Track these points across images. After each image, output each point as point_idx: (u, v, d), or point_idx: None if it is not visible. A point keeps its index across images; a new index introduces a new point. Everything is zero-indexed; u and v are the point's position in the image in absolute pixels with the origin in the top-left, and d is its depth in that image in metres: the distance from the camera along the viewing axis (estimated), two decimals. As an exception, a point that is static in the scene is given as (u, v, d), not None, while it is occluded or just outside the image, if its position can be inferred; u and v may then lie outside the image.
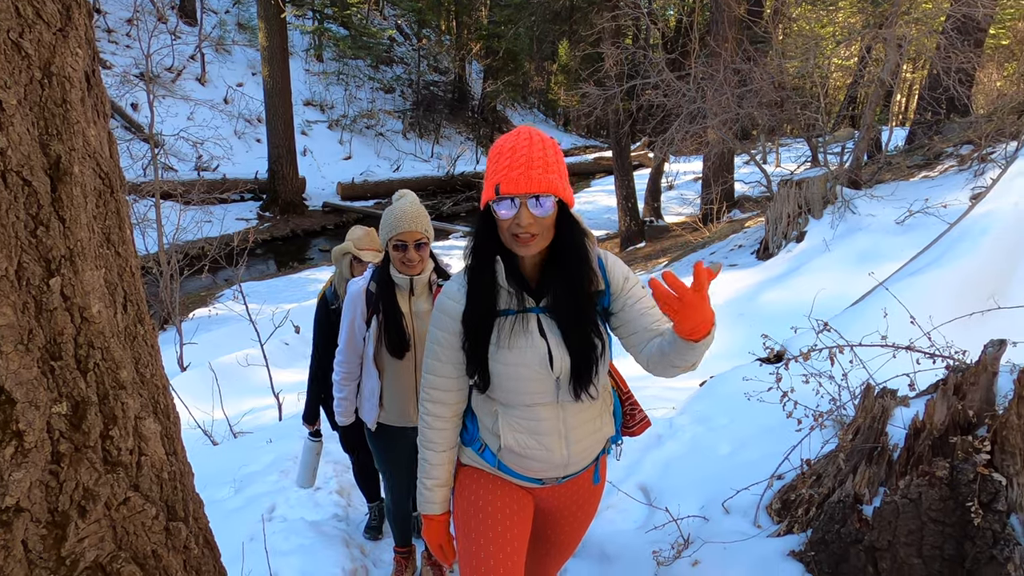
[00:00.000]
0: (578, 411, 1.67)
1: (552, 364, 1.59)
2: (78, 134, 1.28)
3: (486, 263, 1.59)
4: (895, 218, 6.82)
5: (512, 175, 1.48)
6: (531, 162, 1.49)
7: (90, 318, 1.29)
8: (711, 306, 1.44)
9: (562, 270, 1.58)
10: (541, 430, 1.65)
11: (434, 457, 1.74)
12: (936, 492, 1.87)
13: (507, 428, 1.66)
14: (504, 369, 1.59)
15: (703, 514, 2.78)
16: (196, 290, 11.55)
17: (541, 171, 1.49)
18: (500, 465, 1.72)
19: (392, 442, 2.72)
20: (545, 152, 1.52)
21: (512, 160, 1.50)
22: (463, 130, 24.47)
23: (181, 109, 17.08)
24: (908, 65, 15.97)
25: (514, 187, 1.47)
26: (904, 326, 2.90)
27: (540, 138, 1.54)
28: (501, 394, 1.64)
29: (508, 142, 1.54)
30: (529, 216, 1.49)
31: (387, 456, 2.78)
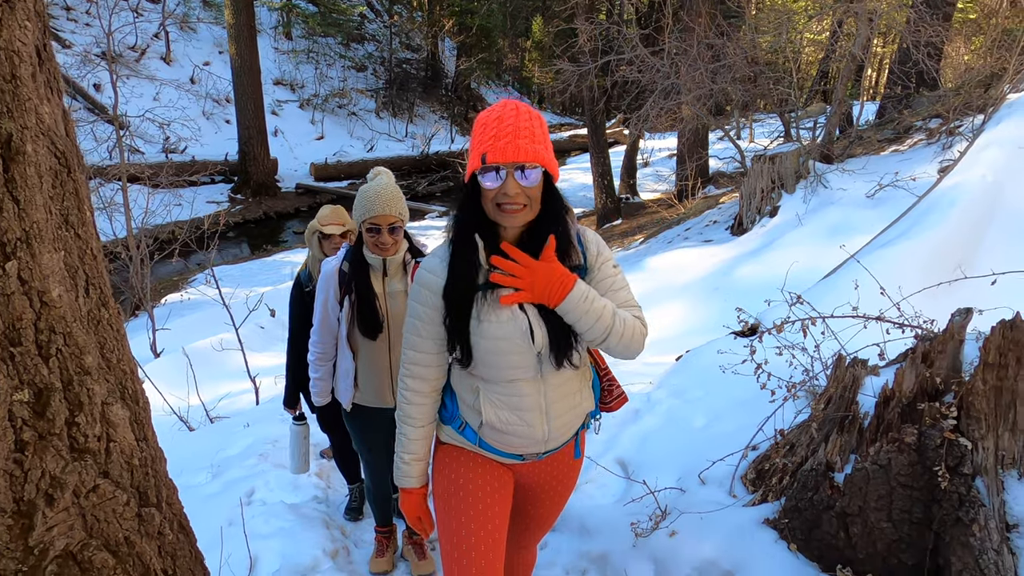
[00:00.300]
0: (558, 385, 1.68)
1: (533, 338, 1.59)
2: (30, 111, 1.23)
3: (469, 236, 1.58)
4: (866, 192, 6.91)
5: (499, 144, 1.48)
6: (518, 132, 1.49)
7: (50, 302, 1.25)
8: (559, 270, 1.51)
9: (541, 241, 1.57)
10: (522, 406, 1.65)
11: (412, 432, 1.74)
12: (905, 458, 1.91)
13: (488, 404, 1.65)
14: (486, 343, 1.59)
15: (680, 486, 2.83)
16: (168, 275, 11.34)
17: (528, 141, 1.49)
18: (481, 443, 1.72)
19: (368, 422, 2.70)
20: (532, 123, 1.52)
21: (499, 130, 1.49)
22: (437, 109, 24.18)
23: (146, 89, 16.63)
24: (879, 39, 16.09)
25: (501, 156, 1.47)
26: (875, 297, 2.94)
27: (527, 109, 1.54)
28: (483, 370, 1.64)
29: (494, 112, 1.53)
30: (515, 186, 1.48)
31: (364, 436, 2.76)
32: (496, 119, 1.51)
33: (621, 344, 1.61)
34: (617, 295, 1.66)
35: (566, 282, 1.52)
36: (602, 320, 1.56)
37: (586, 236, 1.68)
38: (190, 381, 5.80)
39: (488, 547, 1.65)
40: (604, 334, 1.57)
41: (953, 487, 1.83)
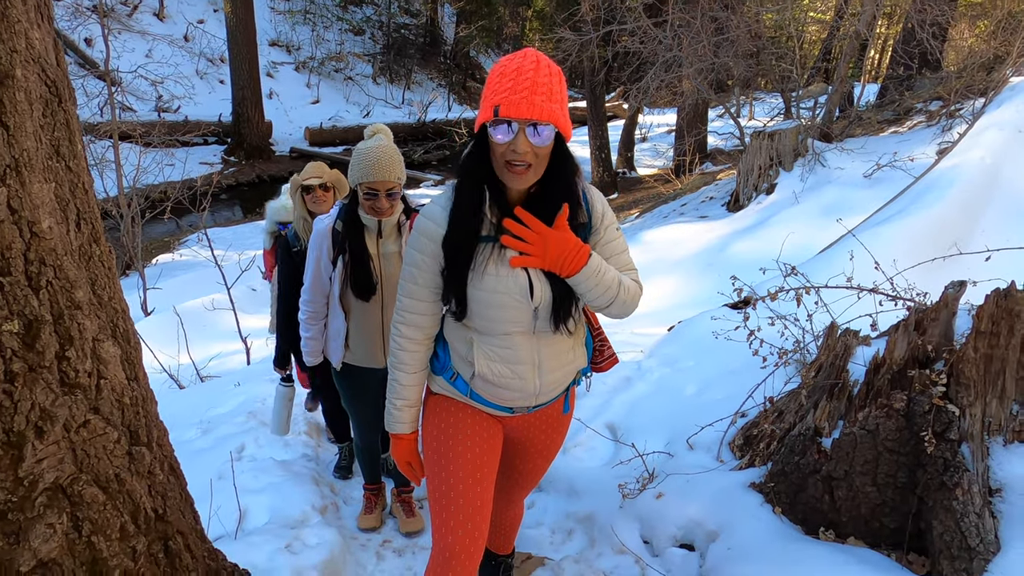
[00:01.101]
0: (552, 342, 1.67)
1: (532, 294, 1.58)
2: (20, 35, 1.19)
3: (475, 187, 1.55)
4: (863, 171, 6.90)
5: (514, 98, 1.41)
6: (535, 87, 1.42)
7: (40, 233, 1.23)
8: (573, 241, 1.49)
9: (550, 202, 1.54)
10: (515, 359, 1.64)
11: (405, 378, 1.73)
12: (893, 423, 1.93)
13: (481, 356, 1.65)
14: (482, 296, 1.58)
15: (668, 450, 2.85)
16: (159, 235, 11.24)
17: (544, 98, 1.43)
18: (472, 394, 1.72)
19: (358, 381, 2.70)
20: (551, 79, 1.45)
21: (516, 83, 1.43)
22: (435, 76, 23.84)
23: (138, 45, 16.30)
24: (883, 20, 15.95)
25: (515, 111, 1.41)
26: (869, 271, 2.95)
27: (547, 63, 1.47)
28: (478, 322, 1.63)
29: (513, 63, 1.47)
30: (526, 143, 1.44)
31: (353, 395, 2.76)
32: (515, 70, 1.44)
33: (620, 309, 1.62)
34: (619, 258, 1.65)
35: (580, 254, 1.50)
36: (609, 291, 1.56)
37: (592, 195, 1.66)
38: (181, 340, 5.79)
39: (475, 495, 1.66)
40: (608, 302, 1.58)
41: (939, 452, 1.85)
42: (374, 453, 2.98)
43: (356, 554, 2.91)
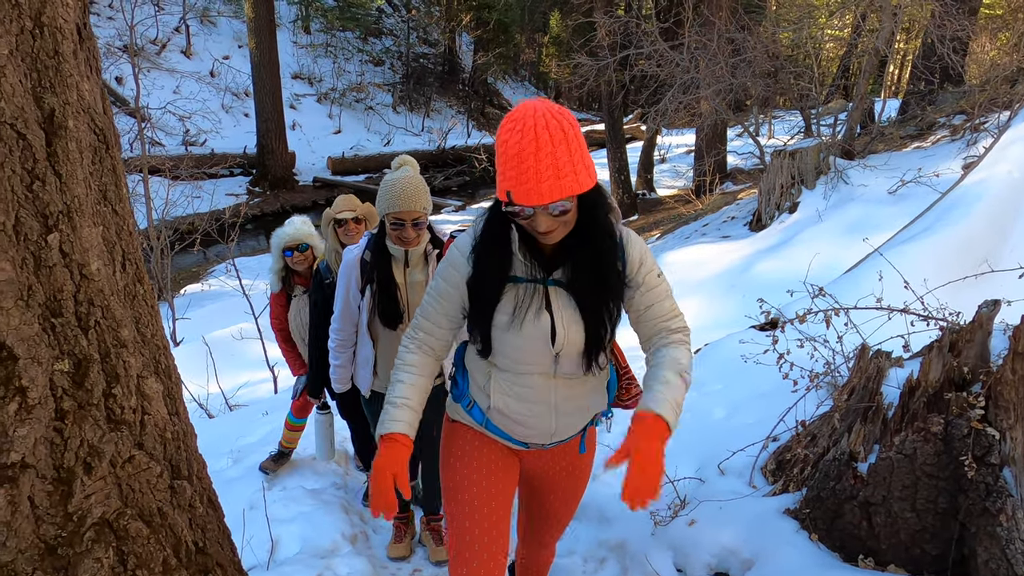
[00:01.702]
0: (572, 385, 1.65)
1: (554, 340, 1.56)
2: (72, 87, 1.26)
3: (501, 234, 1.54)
4: (888, 188, 6.83)
5: (522, 188, 1.38)
6: (540, 174, 1.36)
7: (89, 275, 1.28)
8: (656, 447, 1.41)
9: (584, 246, 1.51)
10: (532, 398, 1.63)
11: (408, 378, 1.66)
12: (931, 447, 1.90)
13: (498, 390, 1.64)
14: (505, 337, 1.58)
15: (699, 476, 2.82)
16: (187, 266, 11.47)
17: (552, 179, 1.37)
18: (487, 424, 1.72)
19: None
20: (555, 152, 1.37)
21: (519, 171, 1.38)
22: (454, 103, 24.19)
23: (167, 82, 16.79)
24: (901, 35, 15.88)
25: (526, 199, 1.39)
26: (898, 291, 2.92)
27: (548, 135, 1.37)
28: (499, 359, 1.63)
29: (513, 143, 1.39)
30: (546, 221, 1.42)
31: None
32: (516, 155, 1.38)
33: None
34: (662, 306, 1.60)
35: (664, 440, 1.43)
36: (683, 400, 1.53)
37: (629, 241, 1.59)
38: (210, 369, 5.88)
39: (491, 525, 1.65)
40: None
41: (980, 477, 1.82)
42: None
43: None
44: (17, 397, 1.15)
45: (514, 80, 28.78)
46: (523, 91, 28.95)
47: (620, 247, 1.58)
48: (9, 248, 1.14)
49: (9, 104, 1.13)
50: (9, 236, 1.14)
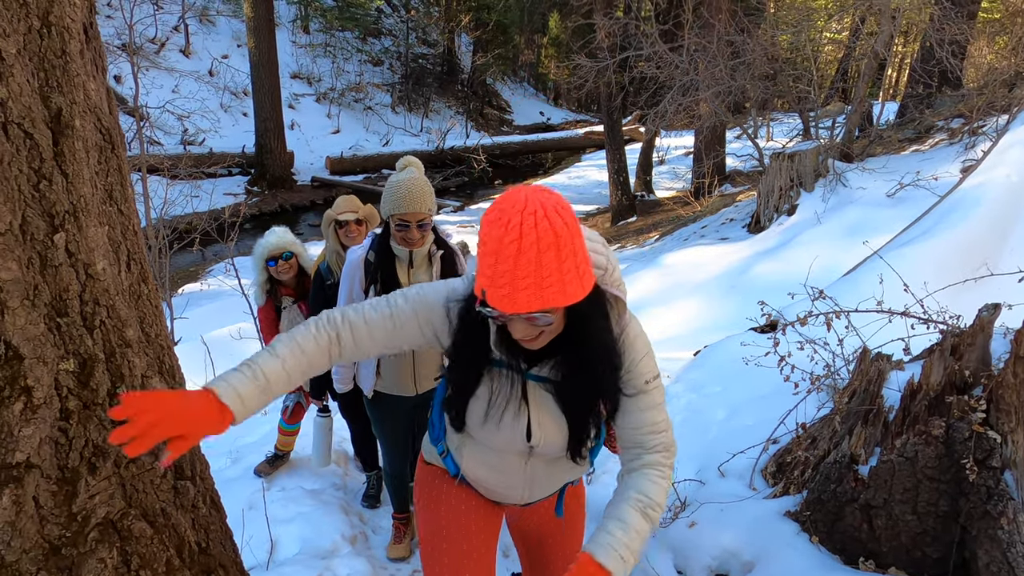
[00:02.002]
0: (550, 463, 1.52)
1: (530, 437, 1.43)
2: (79, 87, 1.26)
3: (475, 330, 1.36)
4: (886, 191, 6.85)
5: (497, 293, 1.17)
6: (517, 281, 1.15)
7: (95, 275, 1.28)
8: None
9: (573, 348, 1.32)
10: (505, 470, 1.51)
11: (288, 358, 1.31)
12: (932, 450, 1.91)
13: (470, 460, 1.53)
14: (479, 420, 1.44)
15: (699, 478, 2.83)
16: (185, 266, 11.44)
17: (533, 289, 1.16)
18: (461, 478, 1.60)
19: (389, 410, 2.74)
20: (540, 258, 1.14)
21: (496, 271, 1.17)
22: (453, 104, 24.19)
23: (166, 81, 16.76)
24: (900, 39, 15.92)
25: (499, 305, 1.18)
26: (898, 294, 2.93)
27: (534, 236, 1.14)
28: (473, 432, 1.49)
29: (494, 236, 1.17)
30: (522, 329, 1.24)
31: (384, 424, 2.80)
32: (494, 252, 1.16)
33: None
34: (644, 416, 1.39)
35: None
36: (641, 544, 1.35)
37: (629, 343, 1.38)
38: (208, 369, 5.86)
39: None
40: None
41: (981, 480, 1.82)
42: (403, 481, 2.99)
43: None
44: (22, 397, 1.15)
45: (513, 81, 28.79)
46: (522, 92, 28.95)
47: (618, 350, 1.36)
48: (15, 247, 1.14)
49: (16, 103, 1.13)
50: (16, 235, 1.14)
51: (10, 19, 1.12)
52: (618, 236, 11.52)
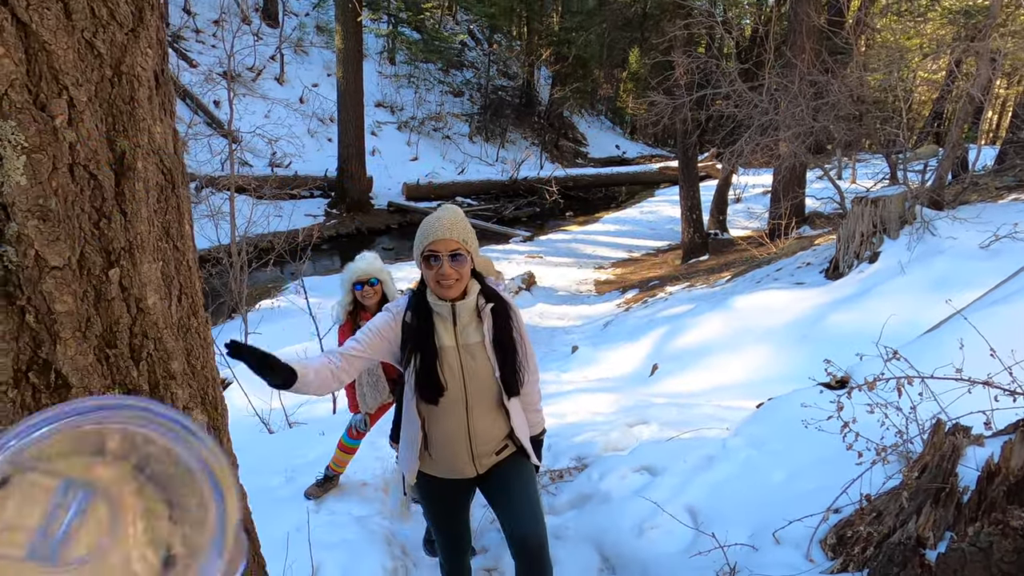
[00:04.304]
0: None
1: None
2: (143, 131, 1.33)
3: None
4: (979, 242, 6.41)
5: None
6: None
7: (146, 309, 1.33)
8: None
9: None
10: None
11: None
12: (1010, 543, 1.73)
13: None
14: None
15: (752, 542, 2.67)
16: (264, 282, 11.96)
17: None
18: None
19: (440, 495, 2.36)
20: None
21: None
22: (529, 135, 24.54)
23: (259, 107, 17.75)
24: (1002, 80, 15.05)
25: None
26: (983, 359, 2.70)
27: None
28: None
29: None
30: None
31: (435, 509, 2.41)
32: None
33: None
34: None
35: None
36: None
37: None
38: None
39: None
40: None
41: (1066, 582, 1.63)
42: (464, 573, 2.61)
43: (422, 624, 2.87)
44: (67, 424, 1.20)
45: (590, 114, 28.97)
46: (599, 125, 29.06)
47: None
48: (72, 282, 1.20)
49: (84, 147, 1.20)
50: (73, 271, 1.20)
51: (84, 69, 1.20)
52: (688, 275, 11.26)
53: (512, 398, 2.24)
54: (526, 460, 2.34)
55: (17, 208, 1.11)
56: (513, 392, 2.21)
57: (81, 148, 1.20)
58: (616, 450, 4.16)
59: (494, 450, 2.27)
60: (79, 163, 1.20)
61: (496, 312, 2.18)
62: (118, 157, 1.27)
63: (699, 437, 3.97)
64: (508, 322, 2.20)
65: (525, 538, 2.18)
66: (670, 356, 7.13)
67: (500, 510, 2.30)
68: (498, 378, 2.17)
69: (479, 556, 3.34)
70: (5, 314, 1.12)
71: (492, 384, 2.18)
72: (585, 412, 5.37)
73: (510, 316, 2.22)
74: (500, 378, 2.17)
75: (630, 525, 3.09)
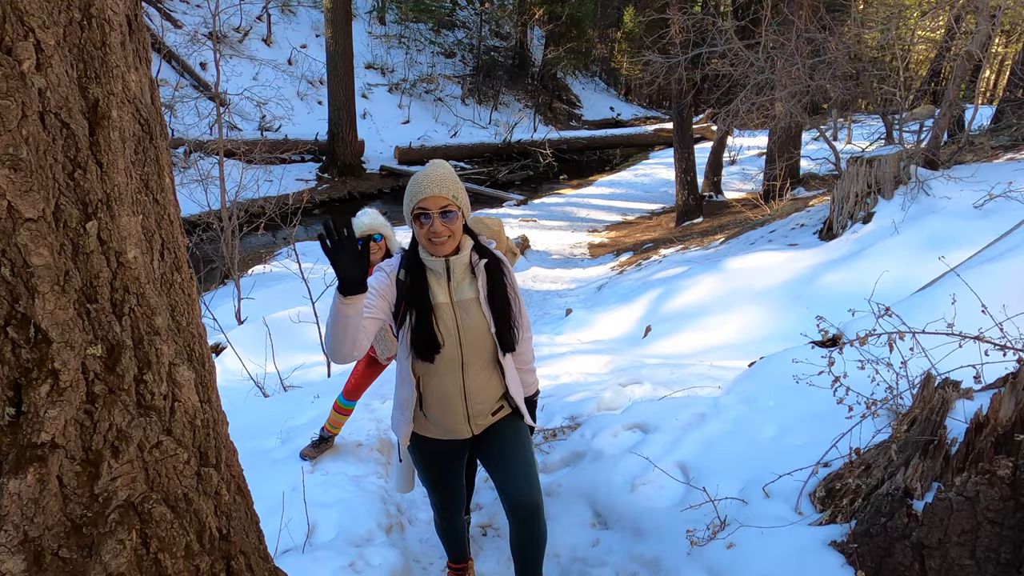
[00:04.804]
0: None
1: None
2: (117, 78, 1.28)
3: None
4: (973, 202, 6.40)
5: None
6: None
7: (126, 263, 1.30)
8: None
9: None
10: None
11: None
12: (996, 492, 1.75)
13: None
14: None
15: (742, 496, 2.71)
16: (255, 247, 11.88)
17: None
18: None
19: (434, 456, 2.36)
20: None
21: None
22: (522, 97, 24.19)
23: (246, 69, 17.42)
24: (1000, 38, 14.85)
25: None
26: (974, 316, 2.70)
27: None
28: None
29: None
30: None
31: (430, 472, 2.41)
32: None
33: None
34: None
35: None
36: None
37: None
38: (268, 349, 6.05)
39: None
40: None
41: (1050, 529, 1.66)
42: (460, 531, 2.65)
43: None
44: (49, 379, 1.18)
45: (584, 76, 28.53)
46: (593, 87, 28.66)
47: None
48: (48, 234, 1.17)
49: (54, 93, 1.16)
50: (49, 223, 1.17)
51: (51, 11, 1.15)
52: (682, 237, 11.24)
53: (507, 355, 2.24)
54: (521, 421, 2.35)
55: (-14, 157, 1.07)
56: (508, 348, 2.20)
57: (51, 95, 1.15)
58: (609, 409, 4.19)
59: (489, 410, 2.27)
60: (50, 111, 1.16)
61: (490, 267, 2.16)
62: (91, 105, 1.23)
63: (691, 396, 3.99)
64: (502, 277, 2.19)
65: (521, 501, 2.21)
66: (663, 318, 7.15)
67: (496, 472, 2.31)
68: (494, 333, 2.16)
69: (473, 513, 3.38)
70: (-21, 267, 1.10)
71: (488, 340, 2.17)
72: (578, 373, 5.40)
73: (504, 272, 2.21)
74: (496, 333, 2.16)
75: (622, 481, 3.12)
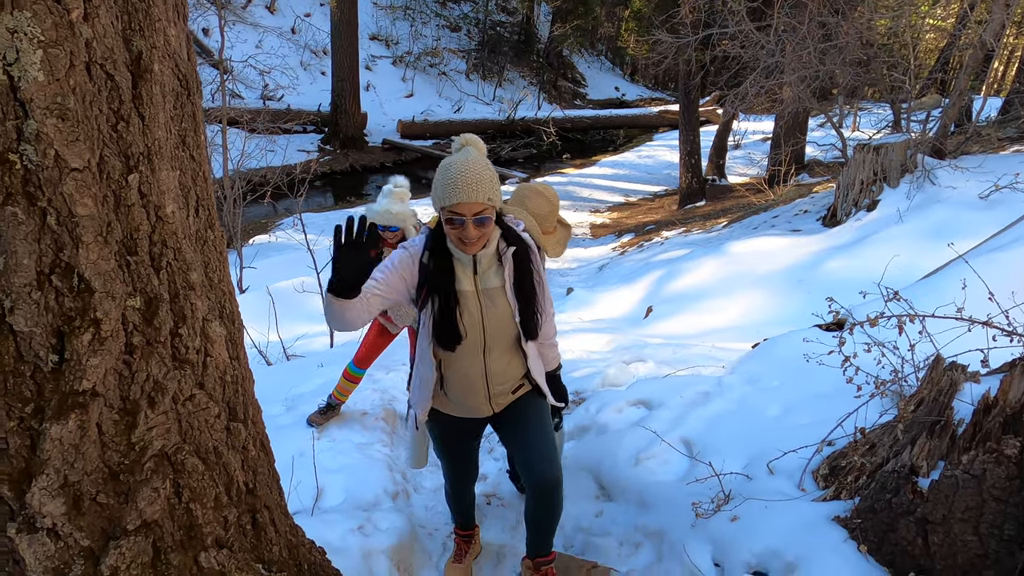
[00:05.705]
0: None
1: None
2: (159, 32, 1.28)
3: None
4: (979, 192, 6.41)
5: None
6: None
7: (164, 217, 1.32)
8: None
9: None
10: None
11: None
12: (1002, 470, 1.79)
13: None
14: None
15: (746, 472, 2.76)
16: (257, 217, 11.85)
17: None
18: None
19: (453, 431, 2.36)
20: None
21: None
22: (527, 74, 23.97)
23: (250, 36, 17.21)
24: (1011, 29, 14.75)
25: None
26: (981, 302, 2.74)
27: None
28: None
29: None
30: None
31: (447, 445, 2.43)
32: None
33: None
34: None
35: None
36: None
37: None
38: (271, 318, 6.08)
39: None
40: None
41: (1054, 507, 1.70)
42: (470, 499, 2.69)
43: (423, 543, 2.97)
44: (91, 328, 1.20)
45: (590, 54, 28.26)
46: (598, 66, 28.40)
47: None
48: (92, 185, 1.18)
49: (100, 45, 1.16)
50: (93, 173, 1.18)
51: (98, -39, 1.15)
52: (684, 220, 11.24)
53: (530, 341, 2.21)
54: (542, 398, 2.35)
55: (36, 105, 1.08)
56: (531, 336, 2.17)
57: (97, 45, 1.16)
58: (613, 385, 4.23)
59: (510, 389, 2.26)
60: (96, 61, 1.16)
61: (517, 256, 2.08)
62: (135, 58, 1.23)
63: (695, 374, 4.04)
64: (529, 265, 2.12)
65: (543, 477, 2.22)
66: (665, 299, 7.19)
67: (515, 447, 2.31)
68: (518, 322, 2.13)
69: (478, 483, 3.43)
70: (27, 215, 1.11)
71: (511, 327, 2.13)
72: (581, 350, 5.44)
73: (531, 259, 2.13)
74: (520, 322, 2.13)
75: (627, 455, 3.17)
